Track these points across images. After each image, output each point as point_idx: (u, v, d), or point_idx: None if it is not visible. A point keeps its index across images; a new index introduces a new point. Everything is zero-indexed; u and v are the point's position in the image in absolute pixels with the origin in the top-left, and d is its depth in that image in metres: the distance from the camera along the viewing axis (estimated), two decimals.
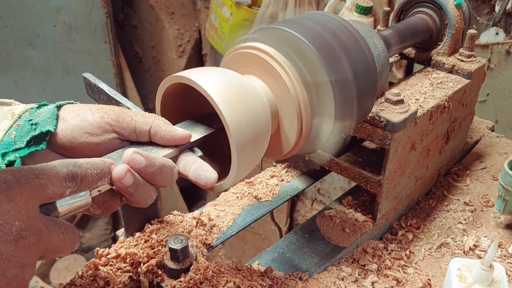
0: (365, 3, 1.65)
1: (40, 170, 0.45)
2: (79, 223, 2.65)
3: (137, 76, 2.67)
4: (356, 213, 0.87)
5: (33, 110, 0.59)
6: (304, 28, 0.64)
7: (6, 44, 2.19)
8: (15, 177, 0.43)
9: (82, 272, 0.66)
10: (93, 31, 2.26)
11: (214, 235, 0.79)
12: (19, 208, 0.43)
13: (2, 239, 0.41)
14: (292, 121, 0.64)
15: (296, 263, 0.80)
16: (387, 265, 0.83)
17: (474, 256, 0.86)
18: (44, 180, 0.45)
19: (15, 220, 0.42)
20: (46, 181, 0.45)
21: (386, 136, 0.77)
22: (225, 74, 0.60)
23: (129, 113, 0.57)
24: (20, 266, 0.43)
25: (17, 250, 0.42)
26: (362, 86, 0.67)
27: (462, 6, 0.94)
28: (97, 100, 0.68)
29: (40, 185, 0.44)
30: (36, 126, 0.55)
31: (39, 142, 0.55)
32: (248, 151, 0.58)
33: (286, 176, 0.97)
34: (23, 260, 0.43)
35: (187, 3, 2.59)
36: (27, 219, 0.43)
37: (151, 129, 0.56)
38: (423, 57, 1.00)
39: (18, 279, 0.43)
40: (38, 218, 0.44)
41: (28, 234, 0.43)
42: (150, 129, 0.56)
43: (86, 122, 0.56)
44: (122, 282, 0.65)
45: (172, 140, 0.57)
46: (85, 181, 0.48)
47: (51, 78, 2.33)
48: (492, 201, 0.98)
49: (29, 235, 0.43)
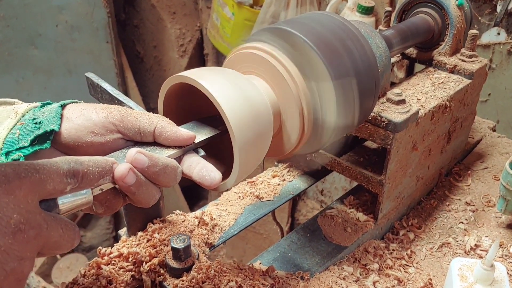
0: (367, 3, 1.65)
1: (40, 165, 0.45)
2: (80, 222, 2.66)
3: (139, 75, 2.67)
4: (358, 213, 0.88)
5: (37, 109, 0.59)
6: (306, 28, 0.65)
7: (8, 43, 2.19)
8: (15, 171, 0.43)
9: (85, 271, 0.66)
10: (95, 31, 2.26)
11: (216, 234, 0.80)
12: (18, 202, 0.43)
13: (1, 232, 0.41)
14: (294, 121, 0.64)
15: (297, 263, 0.80)
16: (389, 264, 0.83)
17: (475, 256, 0.86)
18: (44, 175, 0.45)
19: (13, 213, 0.42)
20: (46, 176, 0.45)
21: (387, 136, 0.77)
22: (227, 74, 0.61)
23: (133, 113, 0.57)
24: (18, 259, 0.43)
25: (16, 243, 0.42)
26: (364, 86, 0.67)
27: (464, 6, 0.94)
28: (99, 100, 0.68)
29: (40, 179, 0.45)
30: (40, 125, 0.55)
31: (44, 141, 0.55)
32: (250, 151, 0.58)
33: (288, 175, 0.97)
34: (22, 253, 0.43)
35: (188, 3, 2.59)
36: (26, 213, 0.43)
37: (155, 129, 0.56)
38: (424, 57, 1.00)
39: (16, 272, 0.43)
40: (38, 213, 0.45)
41: (26, 227, 0.43)
42: (155, 129, 0.56)
43: (90, 122, 0.56)
44: (125, 281, 0.65)
45: (176, 141, 0.57)
46: (86, 179, 0.49)
47: (52, 78, 2.33)
48: (493, 201, 0.98)
49: (27, 229, 0.43)
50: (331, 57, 0.63)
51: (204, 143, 0.60)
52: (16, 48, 2.21)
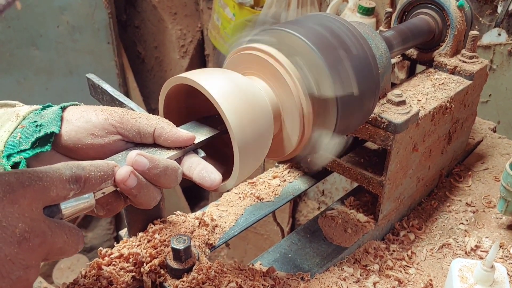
0: (368, 3, 1.65)
1: (43, 172, 0.45)
2: (81, 222, 2.66)
3: (140, 76, 2.67)
4: (358, 214, 0.88)
5: (38, 111, 0.59)
6: (306, 29, 0.65)
7: (9, 44, 2.20)
8: (19, 180, 0.43)
9: (85, 271, 0.67)
10: (96, 32, 2.26)
11: (217, 235, 0.80)
12: (22, 210, 0.43)
13: (6, 241, 0.41)
14: (294, 122, 0.64)
15: (298, 263, 0.80)
16: (389, 265, 0.83)
17: (475, 256, 0.86)
18: (47, 182, 0.45)
19: (18, 222, 0.42)
20: (49, 183, 0.45)
21: (388, 137, 0.77)
22: (227, 75, 0.61)
23: (133, 115, 0.57)
24: (24, 268, 0.43)
25: (21, 252, 0.43)
26: (364, 87, 0.68)
27: (464, 7, 0.94)
28: (100, 101, 0.68)
29: (44, 187, 0.45)
30: (40, 127, 0.56)
31: (44, 144, 0.55)
32: (250, 152, 0.58)
33: (288, 176, 0.97)
34: (27, 262, 0.43)
35: (189, 4, 2.59)
36: (31, 221, 0.43)
37: (155, 131, 0.57)
38: (425, 58, 1.00)
39: (22, 280, 0.43)
40: (42, 220, 0.45)
41: (31, 236, 0.43)
42: (154, 131, 0.57)
43: (90, 124, 0.56)
44: (125, 282, 0.66)
45: (176, 142, 0.57)
46: (88, 183, 0.49)
47: (54, 78, 2.33)
48: (494, 202, 0.98)
49: (32, 237, 0.43)
50: (332, 59, 0.63)
51: (203, 144, 0.60)
52: (17, 48, 2.22)
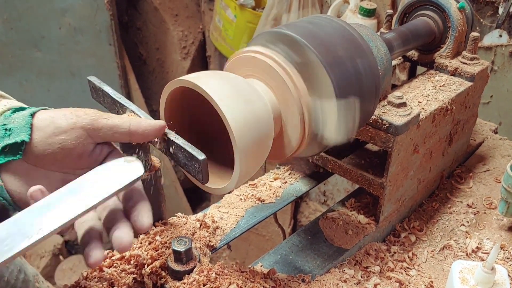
0: (369, 5, 1.66)
1: None
2: None
3: (142, 77, 2.68)
4: (359, 215, 0.88)
5: (8, 114, 0.59)
6: (307, 32, 0.65)
7: (11, 46, 2.20)
8: None
9: (87, 273, 0.67)
10: (97, 33, 2.27)
11: (218, 237, 0.80)
12: None
13: None
14: (295, 124, 0.64)
15: (299, 265, 0.80)
16: (390, 267, 0.83)
17: (476, 258, 0.86)
18: None
19: None
20: None
21: (388, 139, 0.77)
22: (228, 78, 0.61)
23: (104, 115, 0.59)
24: None
25: None
26: (364, 89, 0.68)
27: (465, 8, 0.94)
28: (101, 103, 0.69)
29: None
30: (10, 132, 0.56)
31: (16, 152, 0.56)
32: (250, 154, 0.59)
33: (290, 178, 0.97)
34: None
35: (191, 5, 2.60)
36: None
37: (131, 126, 0.58)
38: (426, 59, 1.00)
39: None
40: None
41: None
42: (130, 126, 0.58)
43: (60, 130, 0.57)
44: (126, 284, 0.66)
45: (154, 131, 0.58)
46: None
47: (55, 80, 2.34)
48: (495, 203, 0.98)
49: None
50: (332, 61, 0.63)
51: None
52: (19, 50, 2.22)
